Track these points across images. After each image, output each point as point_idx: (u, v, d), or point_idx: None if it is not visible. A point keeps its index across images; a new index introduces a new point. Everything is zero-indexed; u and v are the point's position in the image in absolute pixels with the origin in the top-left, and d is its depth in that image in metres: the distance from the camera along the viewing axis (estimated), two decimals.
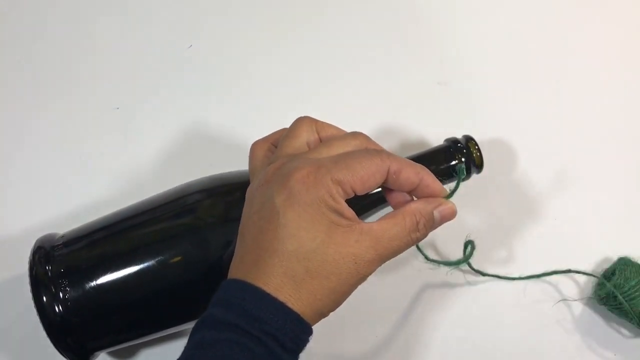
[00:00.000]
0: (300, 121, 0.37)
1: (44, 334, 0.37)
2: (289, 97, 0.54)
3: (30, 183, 0.50)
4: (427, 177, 0.35)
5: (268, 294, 0.31)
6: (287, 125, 0.38)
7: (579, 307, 0.48)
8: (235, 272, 0.33)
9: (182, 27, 0.56)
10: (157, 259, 0.38)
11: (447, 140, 0.46)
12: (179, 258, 0.39)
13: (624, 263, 0.46)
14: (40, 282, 0.37)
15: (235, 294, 0.31)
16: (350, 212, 0.33)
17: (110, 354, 0.46)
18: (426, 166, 0.41)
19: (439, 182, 0.36)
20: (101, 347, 0.40)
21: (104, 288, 0.38)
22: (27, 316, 0.39)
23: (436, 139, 0.49)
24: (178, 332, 0.43)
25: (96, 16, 0.56)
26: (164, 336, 0.43)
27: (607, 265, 0.48)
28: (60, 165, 0.51)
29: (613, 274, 0.46)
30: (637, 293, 0.44)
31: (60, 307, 0.37)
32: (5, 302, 0.47)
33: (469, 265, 0.45)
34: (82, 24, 0.56)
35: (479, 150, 0.44)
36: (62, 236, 0.41)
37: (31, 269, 0.38)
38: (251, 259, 0.32)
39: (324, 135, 0.37)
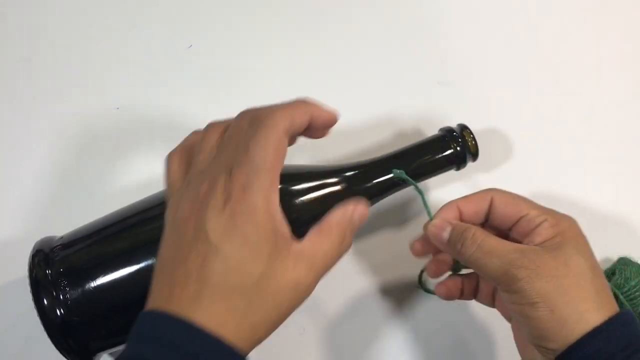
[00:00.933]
0: (209, 128, 0.35)
1: (45, 336, 0.37)
2: (289, 97, 0.53)
3: (28, 185, 0.50)
4: (314, 110, 0.34)
5: (209, 334, 0.29)
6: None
7: None
8: (166, 304, 0.30)
9: (182, 27, 0.56)
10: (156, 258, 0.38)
11: (441, 129, 0.46)
12: None
13: (623, 263, 0.46)
14: (41, 285, 0.37)
15: (176, 333, 0.29)
16: (285, 227, 0.32)
17: (113, 355, 0.46)
18: (422, 156, 0.45)
19: (325, 109, 0.35)
20: (103, 348, 0.40)
21: (104, 289, 0.38)
22: (28, 318, 0.39)
23: None
24: None
25: (96, 16, 0.56)
26: None
27: (607, 265, 0.48)
28: (59, 166, 0.51)
29: (613, 274, 0.46)
30: (637, 293, 0.44)
31: (61, 309, 0.37)
32: (5, 304, 0.47)
33: None
34: (82, 24, 0.56)
35: (473, 138, 0.45)
36: (61, 238, 0.41)
37: (31, 271, 0.38)
38: (189, 294, 0.30)
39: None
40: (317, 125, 0.35)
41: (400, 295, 0.48)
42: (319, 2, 0.57)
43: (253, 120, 0.33)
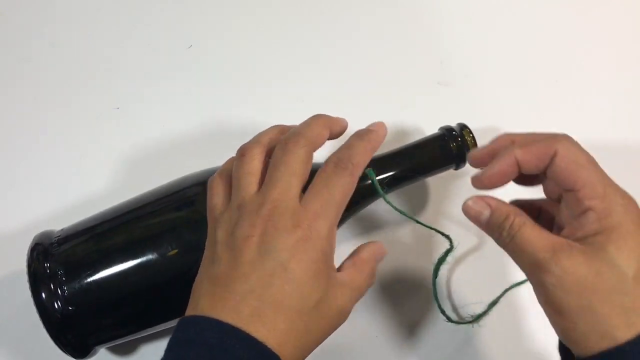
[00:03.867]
0: (246, 152, 0.36)
1: (43, 329, 0.37)
2: (289, 97, 0.54)
3: (29, 181, 0.50)
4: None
5: (271, 351, 0.30)
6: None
7: None
8: (227, 315, 0.31)
9: (182, 27, 0.56)
10: (156, 252, 0.38)
11: (441, 128, 0.46)
12: (177, 250, 0.38)
13: None
14: (39, 279, 0.37)
15: (238, 347, 0.30)
16: (333, 260, 0.34)
17: (110, 349, 0.46)
18: (420, 155, 0.45)
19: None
20: (101, 342, 0.40)
21: (103, 283, 0.38)
22: (27, 312, 0.39)
23: None
24: None
25: (96, 16, 0.56)
26: (164, 330, 0.43)
27: None
28: (59, 163, 0.51)
29: None
30: None
31: (60, 303, 0.37)
32: (4, 298, 0.47)
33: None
34: (82, 24, 0.56)
35: (473, 137, 0.45)
36: (60, 232, 0.41)
37: (29, 265, 0.38)
38: (249, 309, 0.31)
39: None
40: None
41: (400, 295, 0.48)
42: (319, 2, 0.57)
43: (334, 162, 0.35)
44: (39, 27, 0.56)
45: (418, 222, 0.42)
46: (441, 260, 0.44)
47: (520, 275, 0.47)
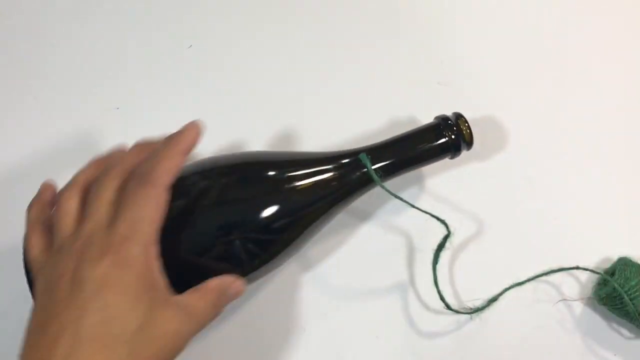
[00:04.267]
0: (65, 194, 0.36)
1: None
2: (289, 97, 0.54)
3: (28, 181, 0.50)
4: (190, 142, 0.36)
5: None
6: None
7: (579, 308, 0.48)
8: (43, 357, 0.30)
9: (182, 27, 0.56)
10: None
11: (436, 117, 0.46)
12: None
13: (624, 263, 0.46)
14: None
15: None
16: (163, 281, 0.33)
17: None
18: (416, 144, 0.44)
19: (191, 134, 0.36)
20: None
21: None
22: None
23: None
24: None
25: (96, 16, 0.56)
26: None
27: (607, 266, 0.47)
28: (59, 163, 0.51)
29: (613, 274, 0.46)
30: (637, 293, 0.44)
31: None
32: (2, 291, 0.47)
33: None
34: (82, 24, 0.56)
35: (468, 127, 0.45)
36: None
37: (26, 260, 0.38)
38: (64, 351, 0.29)
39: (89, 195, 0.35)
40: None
41: (400, 295, 0.48)
42: (318, 2, 0.57)
43: (137, 177, 0.34)
44: (39, 27, 0.56)
45: (414, 207, 0.43)
46: (440, 246, 0.45)
47: (521, 272, 0.47)
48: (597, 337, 0.47)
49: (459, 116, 0.45)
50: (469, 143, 0.45)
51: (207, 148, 0.52)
